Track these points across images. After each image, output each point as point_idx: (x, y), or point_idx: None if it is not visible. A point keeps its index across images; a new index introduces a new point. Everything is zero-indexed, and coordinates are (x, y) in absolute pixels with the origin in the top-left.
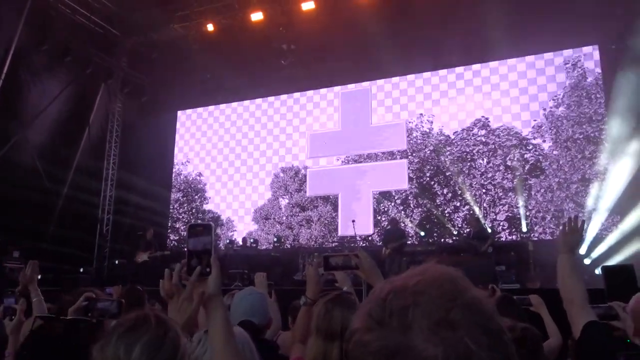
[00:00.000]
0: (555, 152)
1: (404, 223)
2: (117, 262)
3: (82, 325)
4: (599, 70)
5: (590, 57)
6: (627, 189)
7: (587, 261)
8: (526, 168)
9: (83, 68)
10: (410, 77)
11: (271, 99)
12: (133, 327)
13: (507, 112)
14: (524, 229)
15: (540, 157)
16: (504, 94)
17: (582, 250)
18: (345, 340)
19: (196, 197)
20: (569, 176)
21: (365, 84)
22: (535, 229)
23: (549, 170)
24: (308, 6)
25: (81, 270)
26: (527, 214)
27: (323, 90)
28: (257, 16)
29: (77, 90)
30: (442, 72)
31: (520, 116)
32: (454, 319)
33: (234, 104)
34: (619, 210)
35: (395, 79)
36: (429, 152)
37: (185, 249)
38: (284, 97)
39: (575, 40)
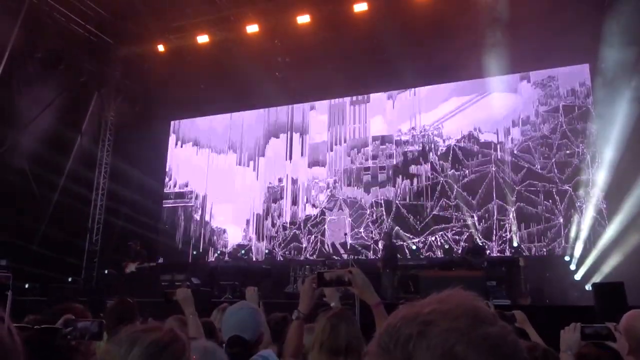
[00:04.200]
0: (545, 170)
1: (400, 239)
2: (106, 271)
3: (55, 335)
4: (589, 86)
5: (580, 75)
6: (615, 204)
7: (577, 277)
8: (517, 183)
9: (76, 76)
10: (404, 91)
11: (264, 110)
12: (142, 330)
13: (498, 127)
14: (515, 244)
15: (530, 172)
16: (495, 110)
17: (572, 266)
18: None
19: (188, 206)
20: (559, 190)
21: (359, 97)
22: (527, 244)
23: (538, 186)
24: (303, 19)
25: (69, 279)
26: (519, 229)
27: (317, 103)
28: (252, 28)
29: (71, 97)
30: (435, 87)
31: (509, 132)
32: (458, 353)
33: (228, 115)
34: (610, 225)
35: (389, 93)
36: (420, 165)
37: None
38: (277, 108)
39: (567, 58)
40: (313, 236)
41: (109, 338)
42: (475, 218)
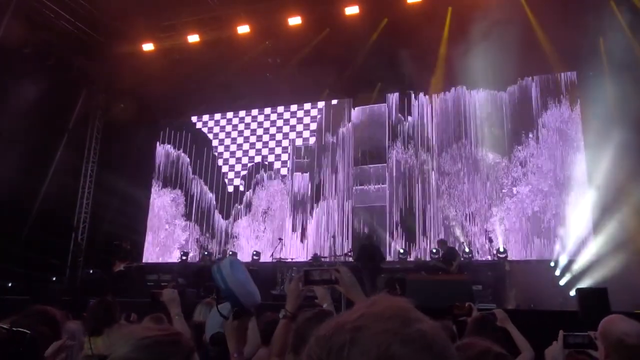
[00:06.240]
0: (534, 175)
1: (384, 241)
2: (91, 271)
3: (27, 337)
4: (578, 96)
5: (570, 84)
6: (601, 210)
7: (562, 282)
8: (505, 189)
9: (65, 73)
10: (394, 95)
11: (254, 111)
12: (146, 328)
13: (489, 134)
14: (501, 249)
15: (519, 179)
16: (484, 117)
17: (557, 272)
18: None
19: (175, 207)
20: (547, 197)
21: (350, 99)
22: (512, 249)
23: (527, 192)
24: (295, 21)
25: (54, 279)
26: (505, 234)
27: (307, 105)
28: (243, 29)
29: (58, 94)
30: (426, 91)
31: (502, 140)
32: (394, 354)
33: (217, 115)
34: (595, 230)
35: (379, 96)
36: (409, 168)
37: None
38: (267, 110)
39: (555, 66)
40: (302, 238)
41: (91, 336)
42: (463, 222)
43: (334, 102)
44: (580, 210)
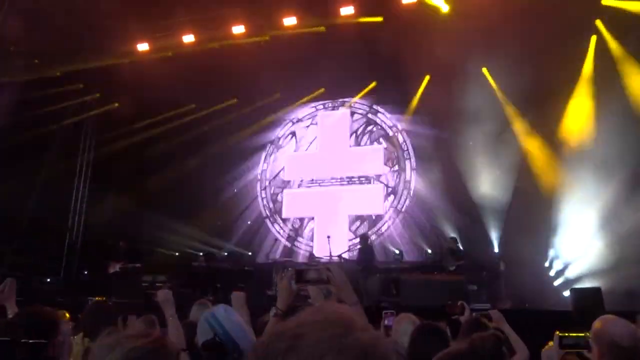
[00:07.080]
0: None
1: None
2: (85, 272)
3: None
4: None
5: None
6: (600, 211)
7: (557, 283)
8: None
9: (59, 72)
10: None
11: (250, 111)
12: (127, 336)
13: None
14: (496, 249)
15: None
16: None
17: (552, 272)
18: None
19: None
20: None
21: (346, 105)
22: (508, 249)
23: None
24: (290, 21)
25: (48, 280)
26: (500, 233)
27: (303, 106)
28: (238, 29)
29: (52, 94)
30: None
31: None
32: None
33: (213, 115)
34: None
35: (375, 96)
36: (405, 169)
37: None
38: (263, 109)
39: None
40: (296, 239)
41: (89, 340)
42: (459, 222)
43: (330, 101)
44: (578, 209)
